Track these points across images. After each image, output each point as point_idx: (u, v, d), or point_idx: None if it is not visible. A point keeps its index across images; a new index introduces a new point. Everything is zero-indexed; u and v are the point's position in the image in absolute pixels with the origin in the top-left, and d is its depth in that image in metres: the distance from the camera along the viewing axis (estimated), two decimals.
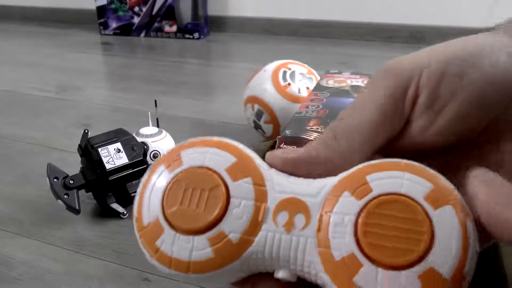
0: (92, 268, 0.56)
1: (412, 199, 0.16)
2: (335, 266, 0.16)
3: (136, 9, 1.76)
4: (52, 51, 1.59)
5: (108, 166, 0.64)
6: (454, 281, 0.16)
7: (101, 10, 1.80)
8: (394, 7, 1.58)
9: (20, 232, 0.63)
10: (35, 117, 1.02)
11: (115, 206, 0.65)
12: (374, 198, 0.17)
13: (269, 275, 0.18)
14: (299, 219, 0.17)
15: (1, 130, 0.96)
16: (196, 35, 1.73)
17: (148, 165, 0.66)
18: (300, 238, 0.17)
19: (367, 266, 0.16)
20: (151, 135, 0.73)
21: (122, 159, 0.65)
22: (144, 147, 0.70)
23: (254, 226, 0.18)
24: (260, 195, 0.18)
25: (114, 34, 1.81)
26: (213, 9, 1.79)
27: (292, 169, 0.19)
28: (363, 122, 0.18)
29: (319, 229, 0.17)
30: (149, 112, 0.81)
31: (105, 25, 1.81)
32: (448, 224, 0.16)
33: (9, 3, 2.11)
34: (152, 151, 0.72)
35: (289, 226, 0.17)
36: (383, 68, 0.19)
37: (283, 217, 0.18)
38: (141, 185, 0.19)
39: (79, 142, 0.69)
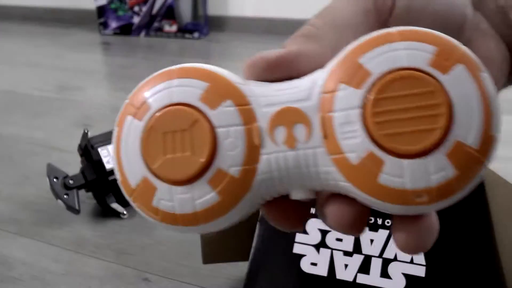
0: (92, 268, 0.56)
1: (417, 69, 0.14)
2: (355, 171, 0.14)
3: (136, 8, 1.77)
4: (52, 51, 1.59)
5: (108, 166, 0.64)
6: (485, 146, 0.14)
7: (101, 10, 1.80)
8: None
9: (20, 232, 0.63)
10: (35, 117, 1.02)
11: (115, 206, 0.65)
12: (376, 81, 0.15)
13: (285, 197, 0.16)
14: (299, 130, 0.15)
15: (1, 130, 0.96)
16: (196, 35, 1.73)
17: None
18: (307, 150, 0.15)
19: (389, 161, 0.14)
20: None
21: None
22: None
23: (253, 152, 0.15)
24: (248, 116, 0.16)
25: (114, 34, 1.81)
26: (213, 9, 1.79)
27: (272, 73, 0.17)
28: (347, 16, 0.18)
29: (325, 135, 0.15)
30: None
31: (105, 25, 1.81)
32: (463, 86, 0.14)
33: (9, 3, 2.11)
34: None
35: (290, 141, 0.15)
36: None
37: (281, 132, 0.15)
38: (113, 144, 0.17)
39: (79, 142, 0.69)
